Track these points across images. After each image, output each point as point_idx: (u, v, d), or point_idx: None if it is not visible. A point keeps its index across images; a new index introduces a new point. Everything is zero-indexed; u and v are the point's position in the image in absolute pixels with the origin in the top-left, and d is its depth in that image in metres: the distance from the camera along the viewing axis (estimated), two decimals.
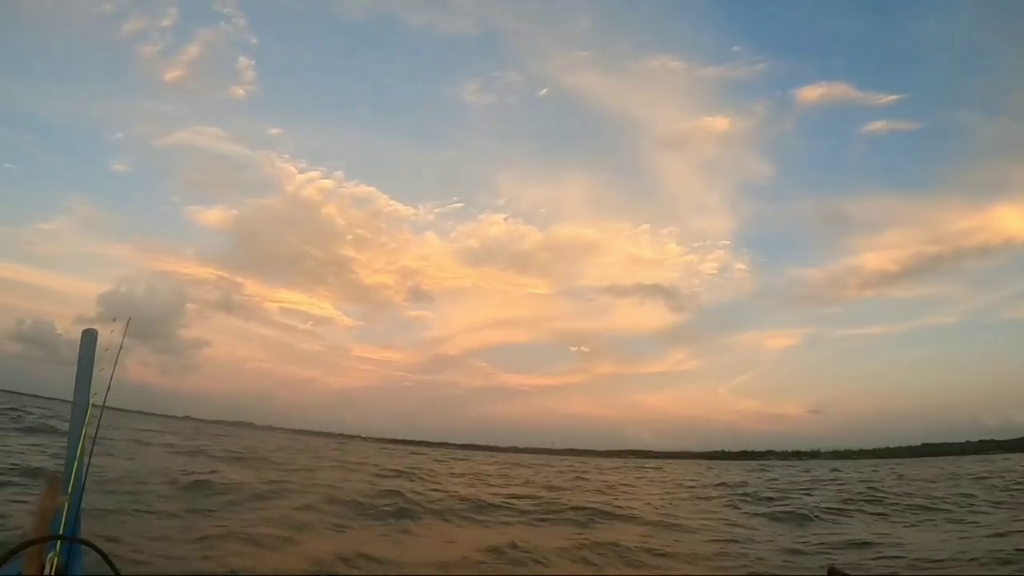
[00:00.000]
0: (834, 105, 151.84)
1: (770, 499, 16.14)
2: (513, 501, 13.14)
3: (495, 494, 14.67)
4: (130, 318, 2.74)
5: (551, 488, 18.06)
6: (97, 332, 2.46)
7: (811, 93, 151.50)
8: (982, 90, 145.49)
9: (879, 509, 13.68)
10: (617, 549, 8.51)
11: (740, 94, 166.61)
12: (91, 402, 2.32)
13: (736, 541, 9.53)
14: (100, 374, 2.45)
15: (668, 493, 19.03)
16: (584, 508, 12.57)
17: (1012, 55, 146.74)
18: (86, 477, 2.21)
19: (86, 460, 2.25)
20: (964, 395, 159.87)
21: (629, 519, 11.95)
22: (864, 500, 15.23)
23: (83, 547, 2.02)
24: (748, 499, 16.55)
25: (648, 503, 15.31)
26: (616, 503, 14.40)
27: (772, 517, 12.55)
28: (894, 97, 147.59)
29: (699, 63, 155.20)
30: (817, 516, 12.61)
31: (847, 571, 1.59)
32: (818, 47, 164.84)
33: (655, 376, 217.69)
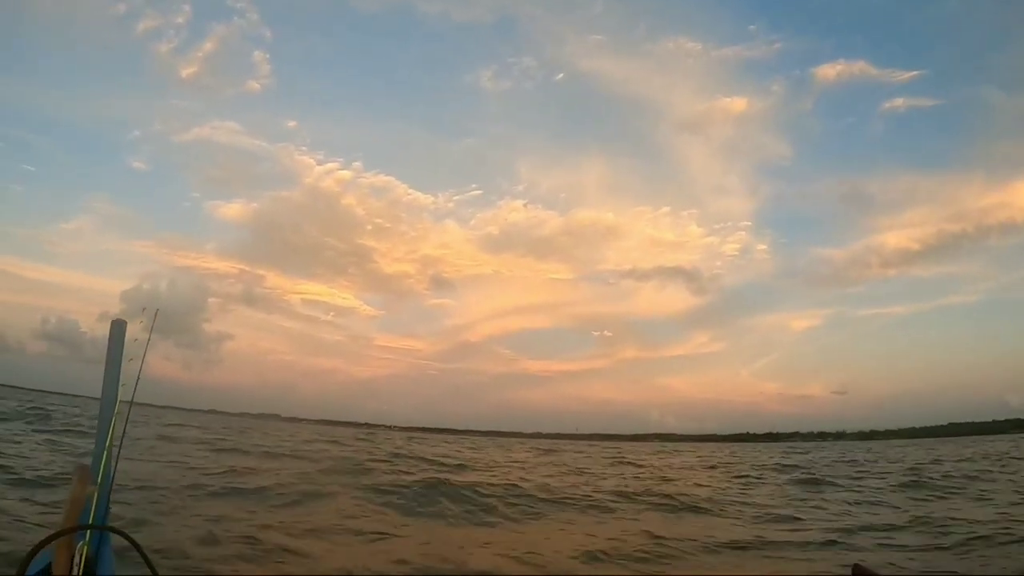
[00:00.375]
0: (853, 83, 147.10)
1: (835, 484, 15.72)
2: (591, 492, 12.88)
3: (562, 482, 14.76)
4: (157, 309, 2.76)
5: (605, 476, 18.06)
6: (126, 323, 2.49)
7: (829, 71, 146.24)
8: (1004, 66, 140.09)
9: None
10: (746, 543, 7.86)
11: (758, 74, 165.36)
12: (120, 393, 2.35)
13: (848, 530, 8.80)
14: (128, 366, 2.49)
15: (735, 477, 18.69)
16: (663, 495, 12.43)
17: None
18: (116, 468, 2.27)
19: (115, 451, 2.28)
20: (987, 374, 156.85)
21: (714, 506, 11.54)
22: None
23: (112, 537, 2.06)
24: (815, 482, 16.09)
25: (718, 488, 15.06)
26: (688, 489, 14.16)
27: (854, 502, 12.10)
28: (914, 74, 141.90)
29: (715, 44, 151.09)
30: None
31: (874, 570, 1.61)
32: (836, 24, 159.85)
33: (677, 359, 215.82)
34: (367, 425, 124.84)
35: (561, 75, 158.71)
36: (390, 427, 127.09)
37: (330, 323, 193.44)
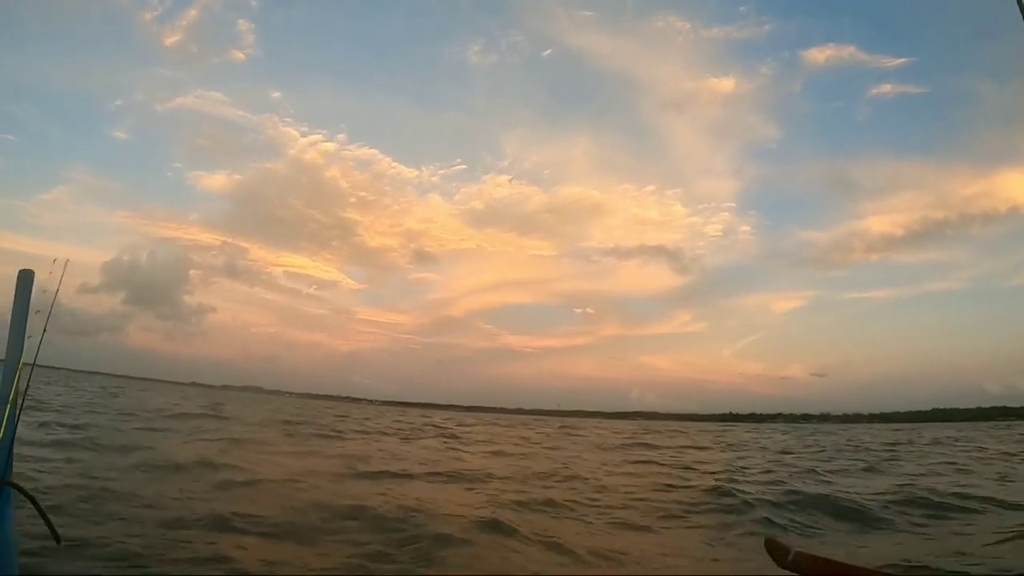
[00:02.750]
0: (842, 67, 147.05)
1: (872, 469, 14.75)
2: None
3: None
4: (67, 260, 2.59)
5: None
6: (34, 273, 2.34)
7: (819, 55, 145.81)
8: (993, 56, 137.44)
9: None
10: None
11: (747, 55, 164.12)
12: (24, 347, 2.25)
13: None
14: (39, 320, 2.40)
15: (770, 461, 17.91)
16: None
17: None
18: (17, 424, 2.17)
19: (19, 405, 2.19)
20: (969, 361, 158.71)
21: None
22: None
23: (14, 496, 2.00)
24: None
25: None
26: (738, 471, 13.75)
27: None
28: (903, 60, 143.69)
29: (705, 23, 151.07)
30: None
31: (785, 543, 1.38)
32: (826, 8, 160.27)
33: (660, 338, 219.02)
34: (349, 398, 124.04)
35: (549, 51, 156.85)
36: (372, 401, 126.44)
37: (313, 296, 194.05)
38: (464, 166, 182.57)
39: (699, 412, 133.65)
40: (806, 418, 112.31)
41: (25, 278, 2.33)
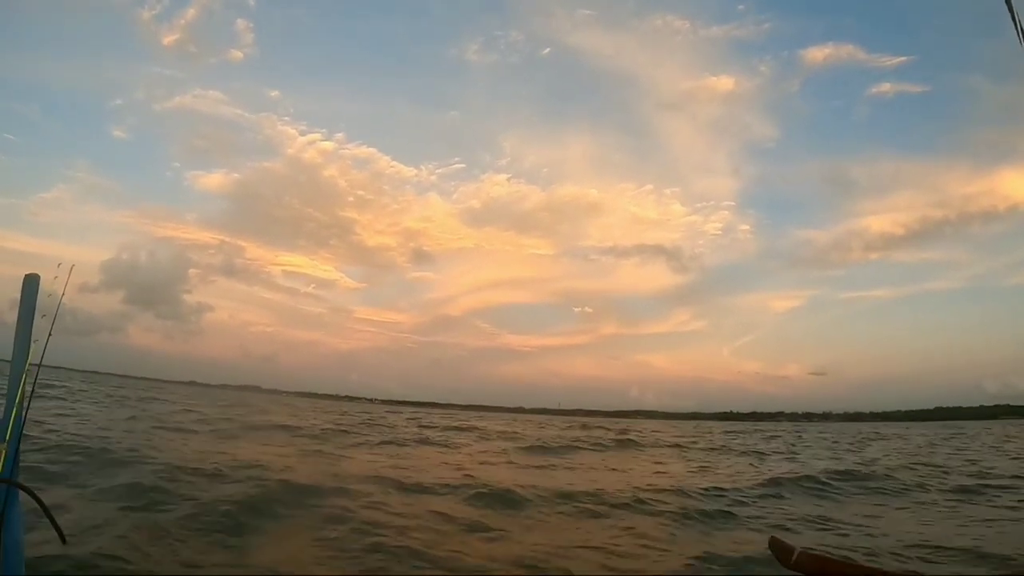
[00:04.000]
0: (840, 66, 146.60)
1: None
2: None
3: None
4: (73, 265, 2.59)
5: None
6: (39, 277, 2.37)
7: (817, 54, 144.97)
8: (993, 54, 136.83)
9: None
10: None
11: (745, 54, 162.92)
12: (31, 350, 2.27)
13: None
14: (44, 323, 2.40)
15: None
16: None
17: None
18: (23, 425, 2.18)
19: (25, 406, 2.20)
20: (968, 360, 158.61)
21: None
22: None
23: (21, 497, 1.99)
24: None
25: None
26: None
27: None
28: (902, 59, 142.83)
29: (704, 22, 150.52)
30: None
31: (789, 542, 1.40)
32: (825, 7, 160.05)
33: (658, 337, 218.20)
34: (348, 398, 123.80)
35: (548, 49, 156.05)
36: (372, 400, 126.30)
37: (311, 295, 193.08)
38: (462, 165, 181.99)
39: (699, 410, 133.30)
40: (808, 416, 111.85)
41: (31, 282, 2.33)
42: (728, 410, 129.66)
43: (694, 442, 26.09)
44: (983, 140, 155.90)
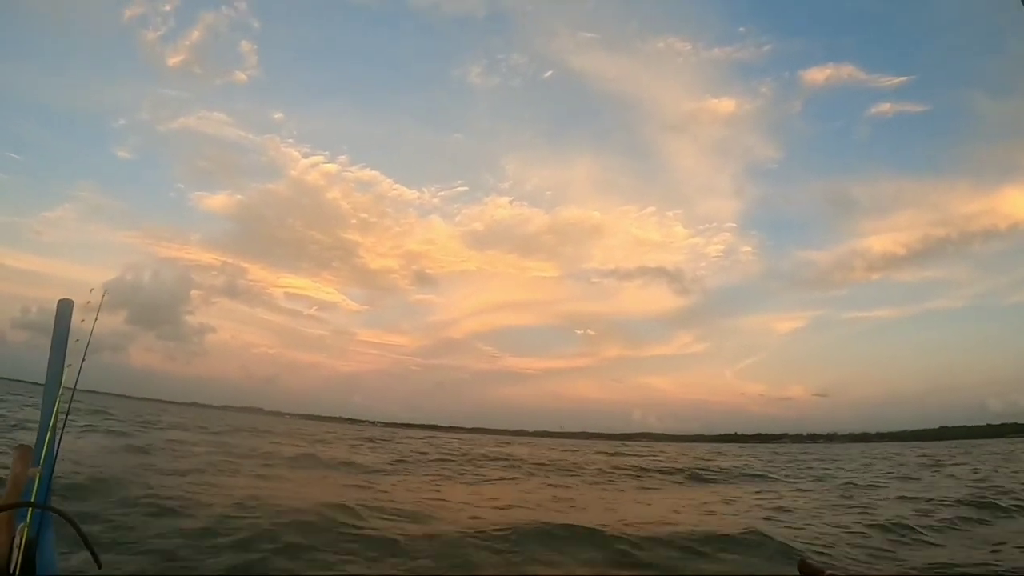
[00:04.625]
0: (841, 87, 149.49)
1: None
2: None
3: None
4: (106, 290, 2.63)
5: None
6: (72, 302, 2.41)
7: (818, 75, 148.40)
8: (994, 72, 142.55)
9: None
10: None
11: (747, 76, 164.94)
12: (64, 374, 2.26)
13: None
14: (77, 347, 2.38)
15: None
16: None
17: None
18: (58, 449, 2.18)
19: (59, 431, 2.20)
20: (970, 379, 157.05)
21: None
22: None
23: (55, 520, 1.98)
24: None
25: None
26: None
27: None
28: (902, 79, 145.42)
29: (706, 44, 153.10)
30: None
31: (819, 566, 1.43)
32: (826, 28, 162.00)
33: (661, 359, 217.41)
34: (351, 420, 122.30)
35: (550, 72, 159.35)
36: (374, 423, 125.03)
37: (313, 317, 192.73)
38: (465, 188, 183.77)
39: (703, 433, 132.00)
40: (813, 438, 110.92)
41: (64, 307, 2.37)
42: (732, 432, 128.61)
43: (780, 469, 22.80)
44: (984, 158, 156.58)
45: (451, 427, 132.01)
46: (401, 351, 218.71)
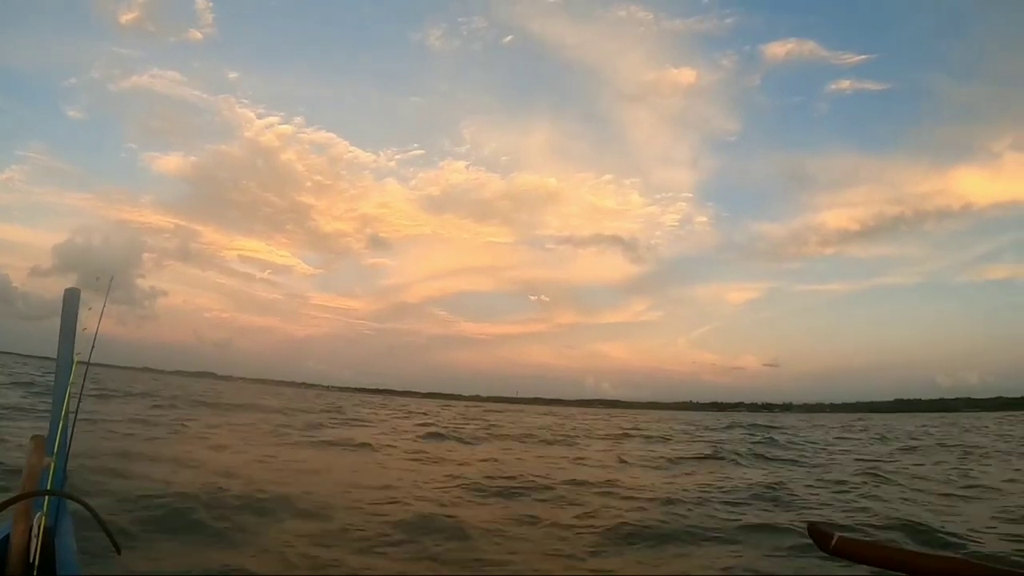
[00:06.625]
0: (802, 62, 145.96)
1: None
2: None
3: None
4: (112, 276, 2.71)
5: None
6: (80, 291, 2.40)
7: (779, 49, 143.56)
8: (957, 54, 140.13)
9: None
10: None
11: (708, 47, 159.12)
12: (75, 361, 2.26)
13: None
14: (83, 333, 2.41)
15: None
16: None
17: (994, 19, 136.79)
18: (72, 436, 2.17)
19: (71, 419, 2.19)
20: (921, 355, 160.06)
21: None
22: None
23: (71, 506, 2.00)
24: None
25: None
26: None
27: None
28: (863, 57, 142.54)
29: (667, 14, 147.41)
30: None
31: (828, 529, 1.34)
32: (789, 3, 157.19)
33: (615, 326, 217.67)
34: (304, 384, 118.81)
35: (510, 37, 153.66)
36: (328, 388, 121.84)
37: (267, 281, 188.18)
38: (422, 151, 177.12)
39: (659, 400, 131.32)
40: (768, 407, 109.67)
41: (71, 296, 2.35)
42: (688, 400, 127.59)
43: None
44: (941, 139, 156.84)
45: (405, 392, 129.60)
46: (355, 315, 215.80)
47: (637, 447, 16.90)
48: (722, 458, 13.29)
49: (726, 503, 7.72)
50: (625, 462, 12.63)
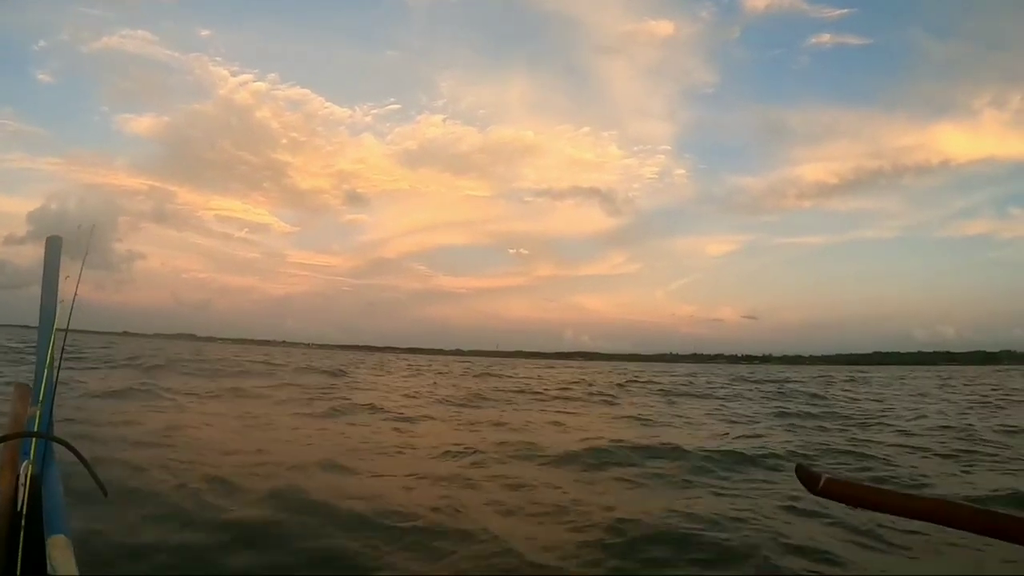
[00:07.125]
0: (782, 15, 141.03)
1: None
2: None
3: None
4: (94, 224, 2.59)
5: None
6: (61, 239, 2.37)
7: (758, 2, 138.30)
8: (939, 11, 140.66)
9: None
10: None
11: None
12: (57, 310, 2.25)
13: None
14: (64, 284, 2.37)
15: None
16: None
17: None
18: (56, 385, 2.15)
19: (56, 369, 2.16)
20: (897, 308, 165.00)
21: None
22: None
23: (58, 455, 1.98)
24: None
25: None
26: None
27: None
28: (844, 11, 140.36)
29: None
30: None
31: (816, 470, 1.35)
32: None
33: (594, 279, 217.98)
34: (284, 343, 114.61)
35: None
36: (308, 346, 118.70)
37: (244, 240, 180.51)
38: (398, 106, 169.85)
39: (636, 352, 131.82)
40: (748, 359, 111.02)
41: (54, 244, 2.32)
42: (667, 352, 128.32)
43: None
44: (920, 94, 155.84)
45: (386, 348, 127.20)
46: (333, 272, 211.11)
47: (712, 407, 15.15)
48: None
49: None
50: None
